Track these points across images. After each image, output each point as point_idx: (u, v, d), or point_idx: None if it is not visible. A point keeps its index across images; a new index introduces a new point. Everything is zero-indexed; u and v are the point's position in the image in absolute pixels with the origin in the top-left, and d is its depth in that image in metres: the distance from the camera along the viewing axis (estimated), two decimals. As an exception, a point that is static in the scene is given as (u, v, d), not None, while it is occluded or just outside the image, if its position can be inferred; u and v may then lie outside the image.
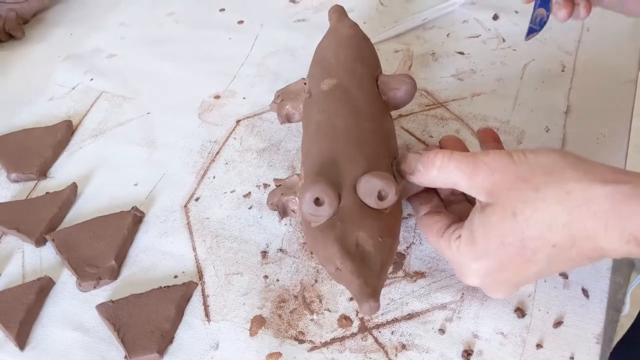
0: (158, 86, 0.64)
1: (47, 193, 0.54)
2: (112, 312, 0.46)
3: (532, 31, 0.52)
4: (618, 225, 0.34)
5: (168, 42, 0.69)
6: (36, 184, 0.56)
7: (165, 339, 0.44)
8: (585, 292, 0.45)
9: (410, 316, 0.45)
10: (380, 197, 0.42)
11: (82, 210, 0.54)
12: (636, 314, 0.84)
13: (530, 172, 0.38)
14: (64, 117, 0.61)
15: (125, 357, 0.44)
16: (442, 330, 0.44)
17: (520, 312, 0.44)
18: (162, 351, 0.44)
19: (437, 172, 0.41)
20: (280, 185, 0.47)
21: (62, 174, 0.56)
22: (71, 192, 0.54)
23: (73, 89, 0.64)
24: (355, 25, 0.56)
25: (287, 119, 0.53)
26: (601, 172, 0.36)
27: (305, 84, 0.53)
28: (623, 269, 1.20)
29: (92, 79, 0.65)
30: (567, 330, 0.43)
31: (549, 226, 0.36)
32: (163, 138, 0.59)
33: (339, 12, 0.57)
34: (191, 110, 0.61)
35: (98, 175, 0.56)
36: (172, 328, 0.45)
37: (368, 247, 0.40)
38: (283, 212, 0.47)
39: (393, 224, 0.43)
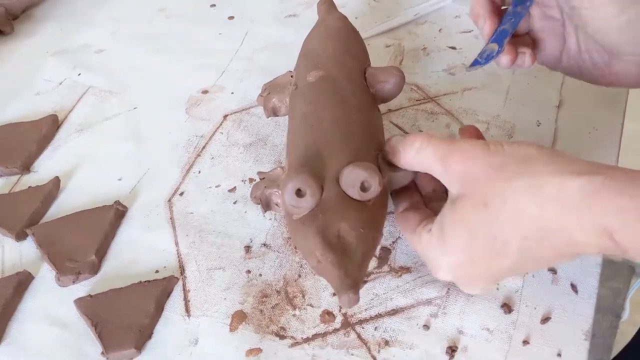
0: (146, 81, 0.63)
1: (29, 187, 0.53)
2: (90, 307, 0.45)
3: (476, 63, 0.48)
4: (590, 218, 0.33)
5: (158, 37, 0.68)
6: (19, 178, 0.55)
7: (144, 334, 0.44)
8: (574, 287, 0.44)
9: (394, 312, 0.44)
10: (364, 188, 0.41)
11: (64, 204, 0.53)
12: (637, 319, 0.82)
13: (504, 162, 0.37)
14: (50, 111, 0.60)
15: (102, 352, 0.43)
16: (426, 326, 0.43)
17: (507, 307, 0.43)
18: (139, 347, 0.43)
19: (415, 154, 0.40)
20: (264, 178, 0.46)
21: (46, 168, 0.56)
22: (54, 187, 0.53)
23: (60, 84, 0.63)
24: (344, 17, 0.55)
25: (273, 112, 0.52)
26: (576, 165, 0.35)
27: (292, 76, 0.52)
28: (623, 273, 1.19)
29: (79, 74, 0.64)
30: (555, 326, 0.42)
31: (519, 218, 0.35)
32: (149, 133, 0.58)
33: (327, 5, 0.56)
34: (178, 105, 0.60)
35: (82, 170, 0.55)
36: (151, 323, 0.44)
37: (349, 239, 0.39)
38: (266, 205, 0.46)
39: (377, 216, 0.42)
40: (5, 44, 0.69)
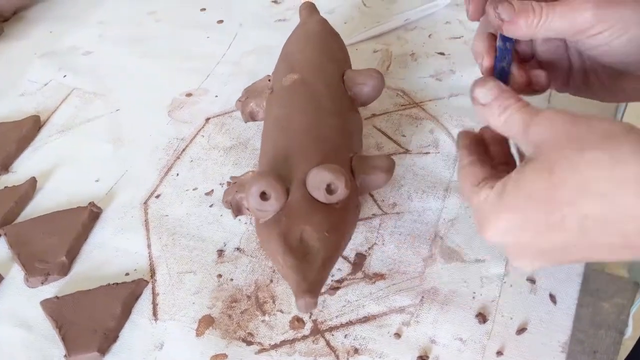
0: (130, 83, 0.62)
1: (5, 187, 0.53)
2: (55, 309, 0.44)
3: None
4: None
5: (146, 40, 0.67)
6: (-2, 178, 0.55)
7: (109, 338, 0.42)
8: (552, 298, 0.42)
9: (365, 319, 0.42)
10: (330, 191, 0.40)
11: (40, 205, 0.52)
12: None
13: (584, 133, 0.34)
14: (33, 112, 0.60)
15: (65, 355, 0.42)
16: (397, 335, 0.41)
17: (481, 317, 0.41)
18: (103, 350, 0.42)
19: (505, 120, 0.36)
20: (235, 182, 0.45)
21: (24, 169, 0.55)
22: (29, 187, 0.52)
23: (45, 85, 0.63)
24: (324, 21, 0.54)
25: (251, 117, 0.51)
26: None
27: (269, 80, 0.51)
28: (627, 289, 1.16)
29: (65, 76, 0.64)
30: (531, 337, 0.40)
31: (584, 192, 0.32)
32: (130, 135, 0.57)
33: (309, 8, 0.56)
34: (161, 108, 0.59)
35: (60, 171, 0.55)
36: (116, 326, 0.43)
37: (312, 242, 0.38)
38: (237, 210, 0.45)
39: (344, 220, 0.41)
40: (-6, 46, 0.69)
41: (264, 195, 0.40)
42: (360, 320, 0.42)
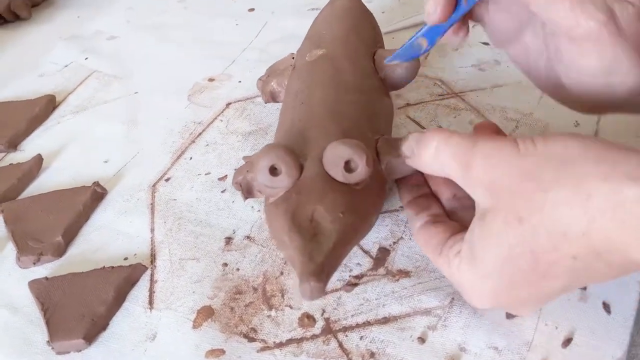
0: (152, 68, 0.59)
1: (9, 164, 0.50)
2: (44, 290, 0.40)
3: (396, 57, 0.41)
4: None
5: (172, 27, 0.65)
6: (4, 156, 0.52)
7: (97, 325, 0.38)
8: (606, 306, 0.36)
9: (385, 320, 0.37)
10: (349, 169, 0.35)
11: (44, 184, 0.49)
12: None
13: (538, 166, 0.29)
14: (50, 93, 0.57)
15: (48, 341, 0.37)
16: (421, 339, 0.36)
17: (521, 325, 0.35)
18: (90, 338, 0.37)
19: (432, 156, 0.33)
20: (247, 162, 0.41)
21: (33, 147, 0.52)
22: (34, 165, 0.49)
23: (66, 66, 0.60)
24: (356, -1, 0.50)
25: (272, 97, 0.47)
26: (632, 164, 0.27)
27: (292, 58, 0.47)
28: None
29: (86, 58, 0.61)
30: (579, 350, 0.34)
31: (564, 235, 0.28)
32: (145, 117, 0.54)
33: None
34: (181, 92, 0.56)
35: (69, 151, 0.51)
36: (107, 313, 0.39)
37: (324, 223, 0.33)
38: (247, 191, 0.40)
39: (363, 203, 0.36)
40: (21, 29, 0.67)
41: (274, 171, 0.35)
42: (379, 321, 0.37)
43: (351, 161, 0.34)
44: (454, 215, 0.37)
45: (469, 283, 0.32)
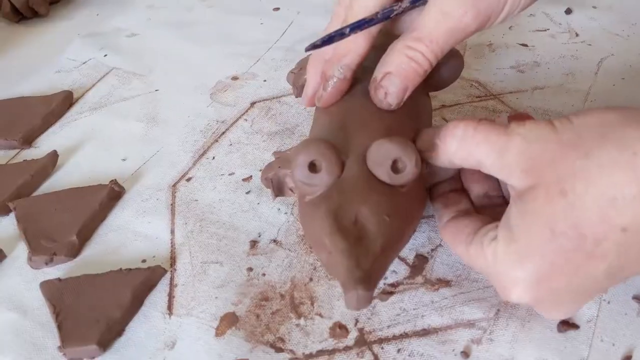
0: (173, 65, 0.57)
1: (24, 161, 0.47)
2: (56, 292, 0.37)
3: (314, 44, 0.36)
4: None
5: (195, 25, 0.62)
6: (19, 152, 0.49)
7: (112, 330, 0.35)
8: (669, 322, 0.33)
9: (425, 332, 0.34)
10: (396, 169, 0.32)
11: (59, 181, 0.46)
12: None
13: (578, 136, 0.28)
14: (67, 89, 0.54)
15: (59, 347, 0.35)
16: (465, 354, 0.33)
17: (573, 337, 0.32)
18: (104, 344, 0.35)
19: (458, 145, 0.31)
20: (279, 157, 0.38)
21: (49, 144, 0.50)
22: (49, 161, 0.47)
23: (84, 63, 0.58)
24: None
25: (303, 90, 0.44)
26: None
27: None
28: None
29: (106, 55, 0.59)
30: (641, 370, 0.31)
31: (613, 202, 0.26)
32: (166, 115, 0.51)
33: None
34: (203, 90, 0.53)
35: (86, 148, 0.49)
36: (123, 318, 0.36)
37: (369, 226, 0.30)
38: (278, 189, 0.38)
39: (409, 205, 0.33)
40: (39, 26, 0.65)
41: (313, 167, 0.32)
42: (418, 333, 0.34)
43: (398, 161, 0.32)
44: (484, 212, 0.35)
45: (505, 270, 0.29)
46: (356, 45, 0.35)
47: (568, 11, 0.57)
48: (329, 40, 0.35)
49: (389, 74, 0.34)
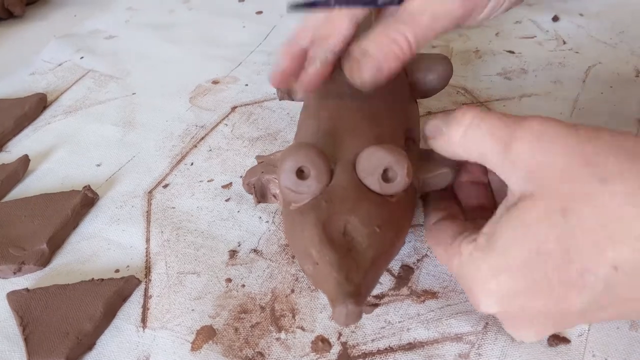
0: (152, 68, 0.55)
1: (-7, 165, 0.45)
2: (24, 303, 0.35)
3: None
4: None
5: (175, 27, 0.61)
6: (-12, 156, 0.47)
7: (82, 344, 0.33)
8: (662, 337, 0.32)
9: (410, 346, 0.32)
10: (387, 178, 0.30)
11: (31, 187, 0.44)
12: None
13: (602, 154, 0.25)
14: (41, 91, 0.53)
15: (25, 361, 0.33)
16: (452, 370, 0.31)
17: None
18: (74, 358, 0.33)
19: (463, 134, 0.29)
20: (262, 162, 0.37)
21: (20, 148, 0.48)
22: (20, 166, 0.45)
23: (59, 65, 0.56)
24: None
25: (288, 93, 0.43)
26: None
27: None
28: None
29: (82, 57, 0.57)
30: (635, 387, 0.30)
31: (613, 236, 0.24)
32: (143, 119, 0.49)
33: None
34: (182, 94, 0.52)
35: (59, 152, 0.47)
36: (94, 331, 0.34)
37: (359, 237, 0.29)
38: (261, 194, 0.36)
39: (399, 216, 0.31)
40: (14, 26, 0.63)
41: (301, 173, 0.31)
42: (403, 347, 0.32)
43: (389, 170, 0.30)
44: (474, 223, 0.32)
45: (480, 276, 0.28)
46: (340, 27, 0.34)
47: (555, 18, 0.56)
48: (312, 4, 0.34)
49: (367, 51, 0.32)
